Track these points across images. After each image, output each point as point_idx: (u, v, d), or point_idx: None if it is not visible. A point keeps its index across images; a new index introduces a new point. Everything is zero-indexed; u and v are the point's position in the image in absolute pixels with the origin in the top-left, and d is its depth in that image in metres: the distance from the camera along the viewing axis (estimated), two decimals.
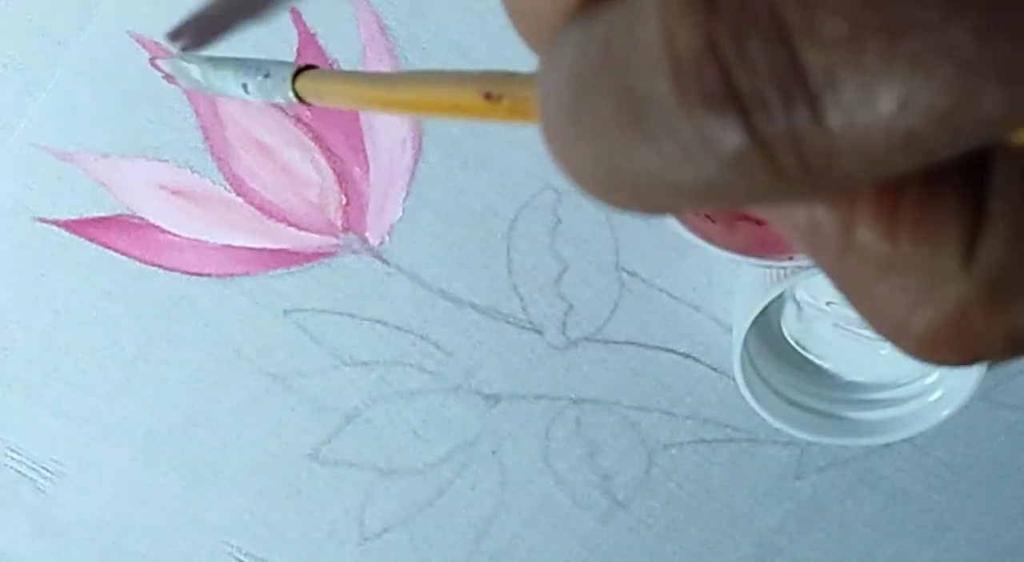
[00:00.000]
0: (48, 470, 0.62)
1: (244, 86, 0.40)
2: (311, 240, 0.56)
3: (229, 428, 0.61)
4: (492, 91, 0.21)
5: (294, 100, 0.35)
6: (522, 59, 0.53)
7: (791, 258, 0.51)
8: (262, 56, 0.51)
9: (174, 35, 0.52)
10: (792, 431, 0.56)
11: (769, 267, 0.52)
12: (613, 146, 0.15)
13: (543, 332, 0.58)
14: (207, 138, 0.53)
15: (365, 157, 0.53)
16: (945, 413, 0.55)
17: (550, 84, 0.16)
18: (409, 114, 0.25)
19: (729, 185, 0.14)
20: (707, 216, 0.51)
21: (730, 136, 0.14)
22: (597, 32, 0.15)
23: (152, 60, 0.52)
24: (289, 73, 0.35)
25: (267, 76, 0.38)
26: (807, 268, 0.51)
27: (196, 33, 0.52)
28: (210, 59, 0.45)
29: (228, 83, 0.42)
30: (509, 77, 0.21)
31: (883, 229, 0.15)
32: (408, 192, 0.54)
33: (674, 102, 0.14)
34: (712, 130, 0.14)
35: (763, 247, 0.51)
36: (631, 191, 0.15)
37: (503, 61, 0.50)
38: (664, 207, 0.15)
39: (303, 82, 0.35)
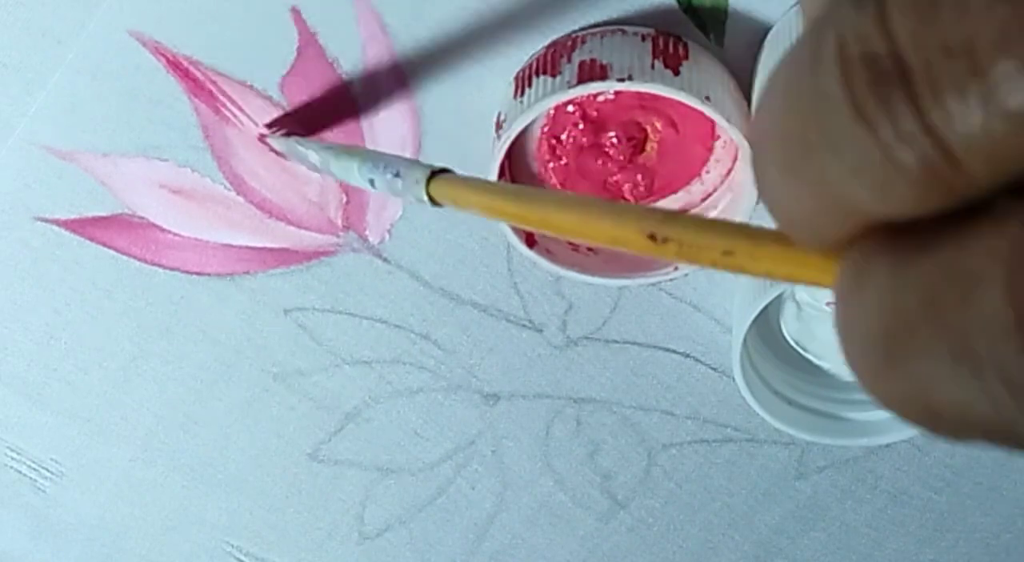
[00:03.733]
0: (48, 470, 0.62)
1: (371, 181, 0.39)
2: (311, 239, 0.56)
3: (229, 427, 0.61)
4: (657, 233, 0.21)
5: (427, 202, 0.34)
6: (522, 56, 0.54)
7: (676, 268, 0.52)
8: (263, 54, 0.51)
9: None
10: (792, 431, 0.56)
11: (655, 283, 0.53)
12: (927, 379, 0.16)
13: (543, 331, 0.58)
14: (207, 137, 0.53)
15: None
16: None
17: (856, 317, 0.17)
18: (559, 235, 0.25)
19: None
20: (589, 249, 0.53)
21: None
22: (917, 285, 0.16)
23: (261, 137, 0.52)
24: (423, 176, 0.35)
25: (396, 175, 0.37)
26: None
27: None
28: (332, 147, 0.44)
29: (351, 174, 0.41)
30: (672, 218, 0.21)
31: None
32: None
33: None
34: None
35: (648, 262, 0.52)
36: (932, 415, 0.16)
37: (503, 59, 0.50)
38: (967, 436, 0.16)
39: (438, 186, 0.34)
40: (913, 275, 0.16)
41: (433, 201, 0.34)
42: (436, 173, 0.35)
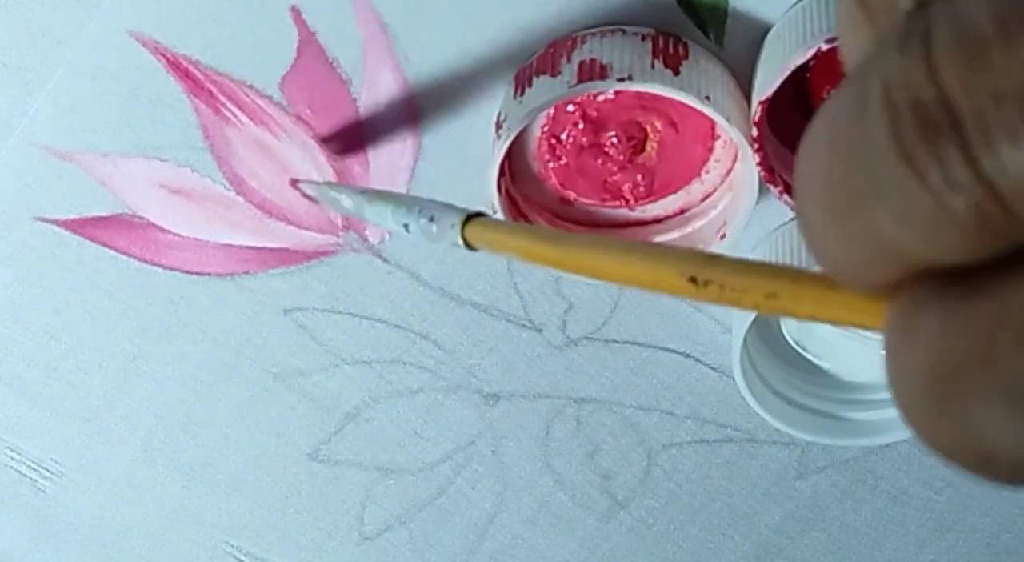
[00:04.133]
0: (48, 470, 0.62)
1: (405, 226, 0.40)
2: (311, 239, 0.56)
3: (229, 427, 0.61)
4: (698, 276, 0.21)
5: (462, 246, 0.34)
6: (522, 56, 0.54)
7: None
8: (262, 54, 0.51)
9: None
10: (792, 431, 0.56)
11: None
12: (982, 426, 0.16)
13: (543, 331, 0.58)
14: (207, 137, 0.53)
15: (365, 155, 0.54)
16: None
17: (907, 362, 0.17)
18: (596, 279, 0.25)
19: None
20: None
21: None
22: (970, 330, 0.15)
23: (293, 183, 0.52)
24: (459, 220, 0.35)
25: (431, 220, 0.37)
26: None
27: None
28: (365, 192, 0.44)
29: (386, 219, 0.41)
30: (713, 261, 0.21)
31: None
32: (409, 190, 0.54)
33: None
34: None
35: None
36: (988, 462, 0.16)
37: (504, 58, 0.50)
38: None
39: (474, 230, 0.34)
40: (966, 320, 0.16)
41: (468, 245, 0.34)
42: (472, 217, 0.35)
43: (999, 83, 0.14)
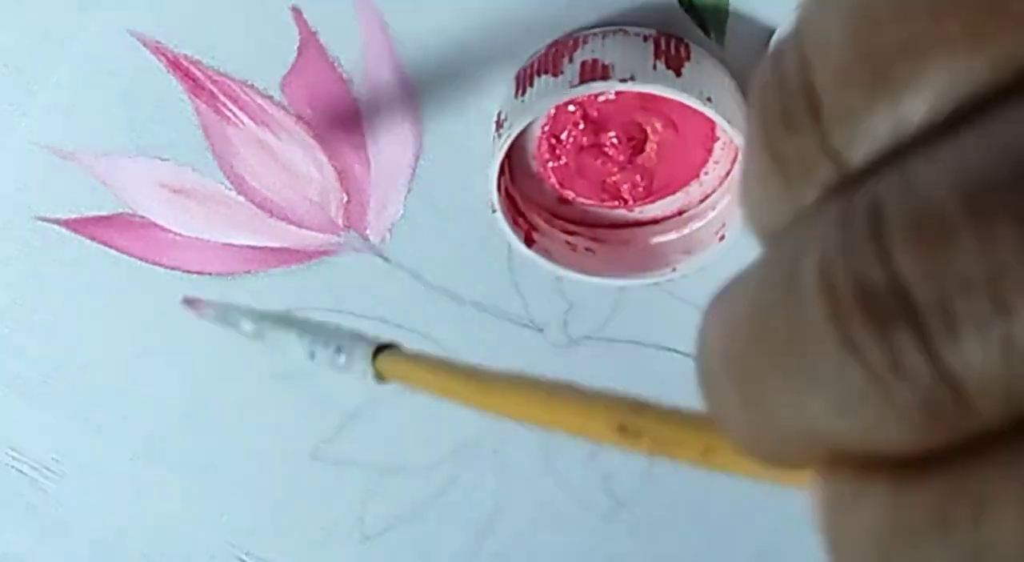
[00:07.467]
0: (49, 469, 0.62)
1: (311, 354, 0.36)
2: (312, 238, 0.56)
3: (230, 427, 0.61)
4: (628, 425, 0.20)
5: (372, 380, 0.32)
6: (522, 55, 0.53)
7: (674, 269, 0.52)
8: (263, 54, 0.51)
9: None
10: None
11: (656, 283, 0.54)
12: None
13: (544, 331, 0.58)
14: (208, 136, 0.53)
15: (366, 155, 0.54)
16: None
17: (851, 536, 0.15)
18: (518, 420, 0.23)
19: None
20: (587, 249, 0.53)
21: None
22: (922, 505, 0.14)
23: (190, 303, 0.49)
24: (369, 352, 0.32)
25: (339, 351, 0.34)
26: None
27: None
28: (267, 316, 0.40)
29: (290, 345, 0.38)
30: (643, 408, 0.20)
31: None
32: (409, 190, 0.54)
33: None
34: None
35: (648, 262, 0.53)
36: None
37: (504, 57, 0.50)
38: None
39: (386, 362, 0.31)
40: (917, 495, 0.14)
41: (381, 378, 0.32)
42: (382, 348, 0.32)
43: (967, 270, 0.13)
